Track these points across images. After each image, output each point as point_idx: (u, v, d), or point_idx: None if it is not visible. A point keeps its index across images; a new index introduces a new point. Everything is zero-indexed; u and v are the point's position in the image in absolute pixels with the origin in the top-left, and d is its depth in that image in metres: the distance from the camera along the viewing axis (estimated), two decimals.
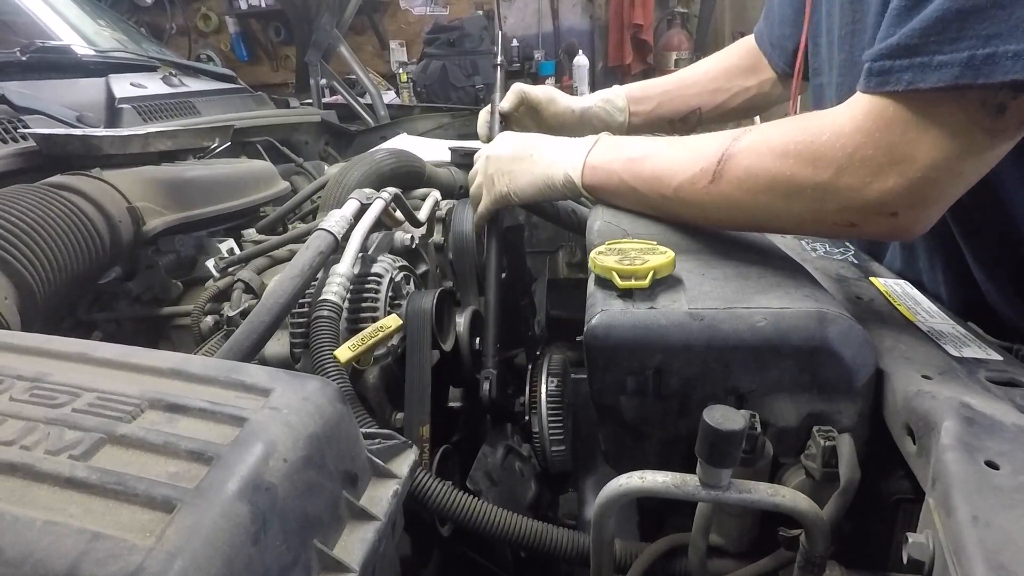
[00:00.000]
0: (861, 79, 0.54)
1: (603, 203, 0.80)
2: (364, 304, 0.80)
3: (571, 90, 4.62)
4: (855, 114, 0.55)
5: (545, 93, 1.10)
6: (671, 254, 0.59)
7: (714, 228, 0.72)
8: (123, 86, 1.43)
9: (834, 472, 0.50)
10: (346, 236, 0.81)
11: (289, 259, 0.96)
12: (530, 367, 0.92)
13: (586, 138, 0.81)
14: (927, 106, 0.51)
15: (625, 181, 0.74)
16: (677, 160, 0.68)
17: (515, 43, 4.70)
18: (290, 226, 1.22)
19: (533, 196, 0.84)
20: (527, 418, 0.89)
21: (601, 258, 0.60)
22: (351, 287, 0.79)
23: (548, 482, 0.95)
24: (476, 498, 0.64)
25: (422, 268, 1.00)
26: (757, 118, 1.20)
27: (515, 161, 0.86)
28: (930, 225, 0.58)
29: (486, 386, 0.82)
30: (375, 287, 0.81)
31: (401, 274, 0.86)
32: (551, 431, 0.86)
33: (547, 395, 0.87)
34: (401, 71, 4.87)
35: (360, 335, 0.70)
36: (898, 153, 0.52)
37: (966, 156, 0.51)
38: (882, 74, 0.52)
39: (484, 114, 1.10)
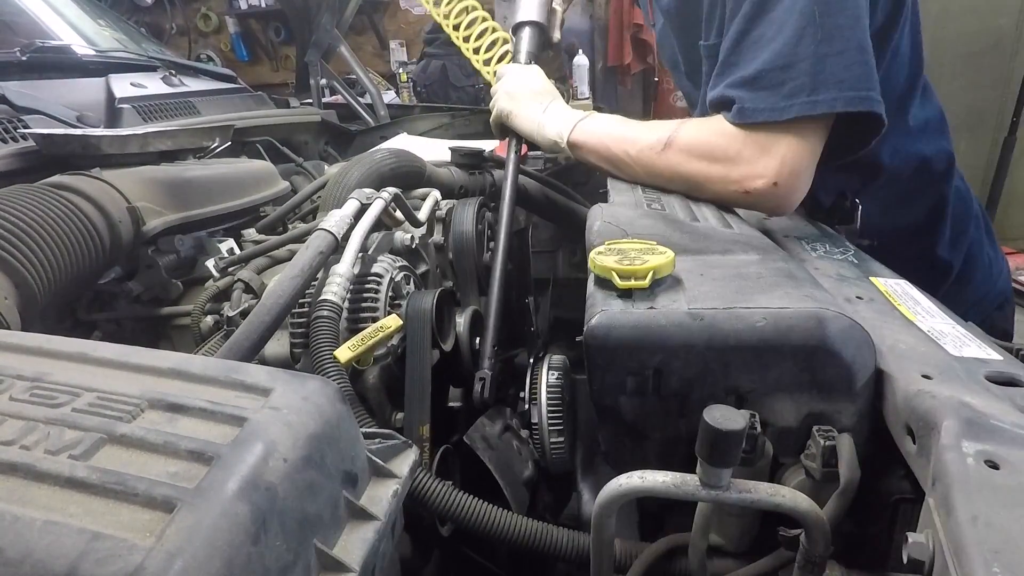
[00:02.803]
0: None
1: (579, 159, 1.04)
2: (364, 304, 0.80)
3: (572, 90, 4.63)
4: None
5: None
6: (671, 254, 0.59)
7: (661, 187, 0.95)
8: (123, 86, 1.43)
9: (834, 472, 0.50)
10: (346, 236, 0.81)
11: (289, 259, 0.96)
12: (531, 361, 0.92)
13: (579, 112, 1.06)
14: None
15: (602, 141, 1.00)
16: (642, 131, 0.96)
17: None
18: (290, 226, 1.21)
19: (523, 130, 1.10)
20: (527, 407, 0.89)
21: (601, 258, 0.60)
22: (351, 287, 0.79)
23: (550, 484, 0.95)
24: (476, 498, 0.64)
25: (422, 268, 1.00)
26: None
27: (529, 97, 1.12)
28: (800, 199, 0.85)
29: (479, 387, 0.82)
30: (375, 287, 0.81)
31: (401, 274, 0.86)
32: (550, 422, 0.85)
33: (547, 387, 0.87)
34: (401, 71, 4.87)
35: (360, 335, 0.70)
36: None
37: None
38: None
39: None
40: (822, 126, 0.82)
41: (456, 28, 2.39)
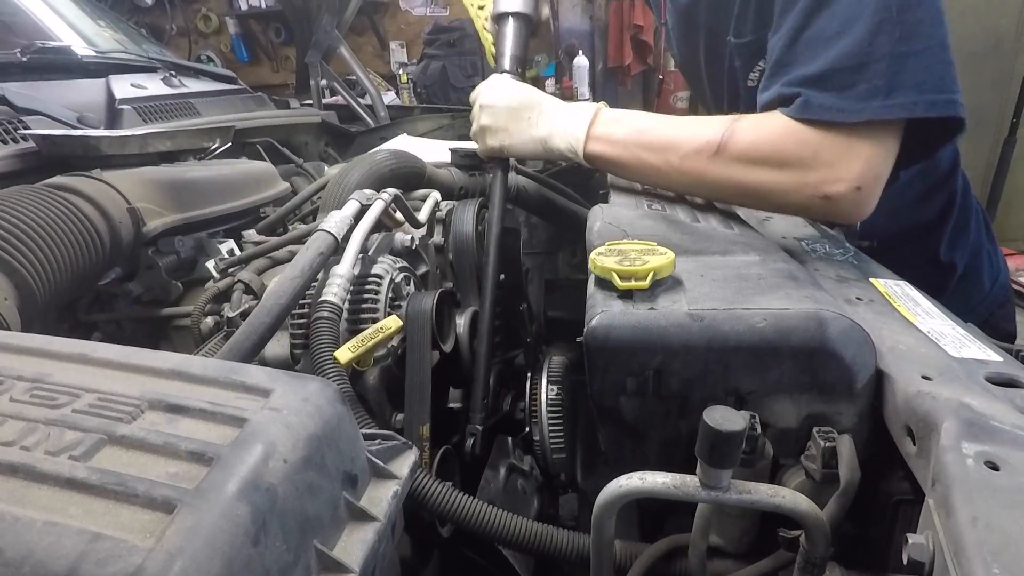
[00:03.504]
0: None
1: (601, 170, 0.90)
2: (364, 305, 0.80)
3: (572, 91, 4.63)
4: None
5: None
6: (671, 255, 0.59)
7: (711, 198, 0.85)
8: (123, 87, 1.43)
9: (834, 473, 0.50)
10: (346, 237, 0.81)
11: (289, 260, 0.96)
12: (529, 375, 0.92)
13: (582, 107, 0.89)
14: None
15: (631, 150, 0.84)
16: (685, 132, 0.81)
17: None
18: (290, 227, 1.21)
19: (526, 156, 0.93)
20: (527, 428, 0.89)
21: (601, 259, 0.60)
22: (351, 288, 0.79)
23: (550, 485, 0.95)
24: (476, 499, 0.64)
25: (422, 269, 1.00)
26: None
27: (511, 119, 0.92)
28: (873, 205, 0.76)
29: (470, 442, 0.83)
30: (375, 288, 0.81)
31: (401, 275, 0.86)
32: (552, 440, 0.86)
33: (547, 404, 0.87)
34: (401, 72, 4.88)
35: (360, 336, 0.70)
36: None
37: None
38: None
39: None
40: (898, 129, 0.74)
41: None
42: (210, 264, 1.04)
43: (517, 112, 0.92)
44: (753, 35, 0.87)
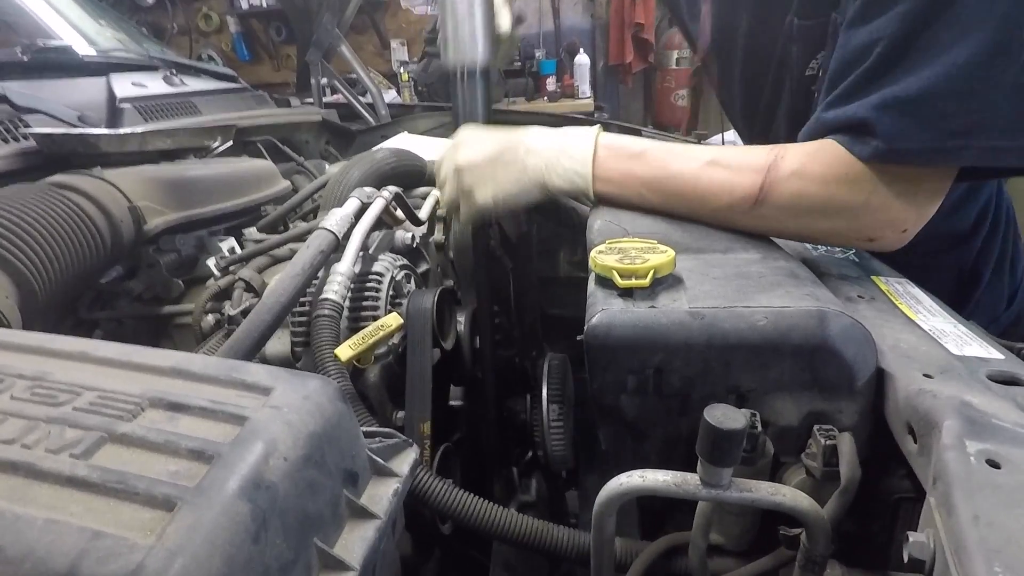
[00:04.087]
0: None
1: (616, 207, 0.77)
2: (365, 303, 0.80)
3: (573, 89, 4.63)
4: None
5: None
6: (671, 253, 0.59)
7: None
8: (124, 86, 1.43)
9: (835, 471, 0.50)
10: (347, 235, 0.81)
11: (290, 258, 0.96)
12: (531, 369, 0.92)
13: (573, 137, 0.75)
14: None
15: (647, 197, 0.73)
16: (714, 183, 0.69)
17: None
18: (291, 225, 1.22)
19: (526, 202, 0.78)
20: (529, 417, 0.89)
21: (601, 257, 0.59)
22: (352, 286, 0.79)
23: (551, 480, 0.95)
24: (477, 497, 0.64)
25: (423, 267, 1.00)
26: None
27: (497, 166, 0.76)
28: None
29: None
30: (376, 286, 0.81)
31: (402, 273, 0.86)
32: (553, 434, 0.86)
33: (548, 397, 0.87)
34: (402, 70, 4.87)
35: (361, 334, 0.70)
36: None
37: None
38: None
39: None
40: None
41: None
42: (211, 262, 1.04)
43: (499, 157, 0.76)
44: (822, 16, 0.74)
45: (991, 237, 0.96)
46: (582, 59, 4.65)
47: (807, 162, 0.65)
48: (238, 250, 1.10)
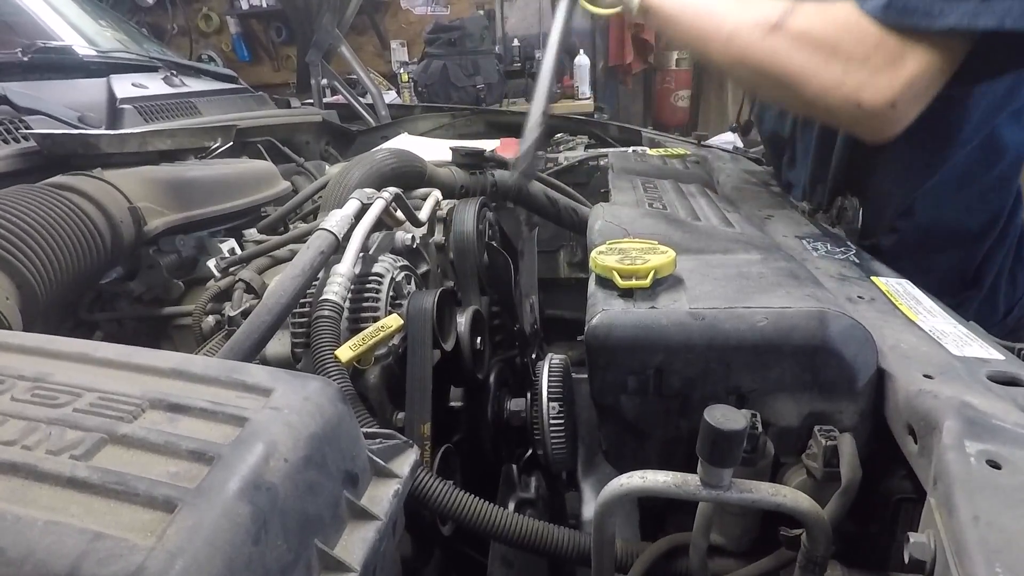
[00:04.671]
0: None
1: (652, 27, 0.95)
2: (365, 304, 0.80)
3: (573, 90, 4.63)
4: None
5: None
6: (672, 253, 0.59)
7: (747, 83, 0.85)
8: (124, 86, 1.43)
9: (835, 472, 0.50)
10: (347, 236, 0.81)
11: (290, 259, 0.95)
12: (530, 367, 0.92)
13: None
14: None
15: (688, 10, 0.84)
16: (740, 4, 0.81)
17: (516, 43, 4.69)
18: (291, 226, 1.21)
19: None
20: (529, 417, 0.89)
21: (602, 257, 0.60)
22: (352, 287, 0.79)
23: (551, 480, 0.95)
24: (477, 498, 0.64)
25: (423, 268, 0.99)
26: None
27: None
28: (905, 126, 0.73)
29: None
30: (376, 287, 0.81)
31: (402, 274, 0.86)
32: (552, 431, 0.86)
33: (548, 395, 0.87)
34: (402, 71, 4.87)
35: (361, 335, 0.70)
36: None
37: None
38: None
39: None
40: (966, 43, 0.67)
41: None
42: (211, 263, 1.04)
43: None
44: None
45: (997, 246, 0.97)
46: (582, 60, 4.66)
47: (827, 8, 0.73)
48: (238, 251, 1.10)
